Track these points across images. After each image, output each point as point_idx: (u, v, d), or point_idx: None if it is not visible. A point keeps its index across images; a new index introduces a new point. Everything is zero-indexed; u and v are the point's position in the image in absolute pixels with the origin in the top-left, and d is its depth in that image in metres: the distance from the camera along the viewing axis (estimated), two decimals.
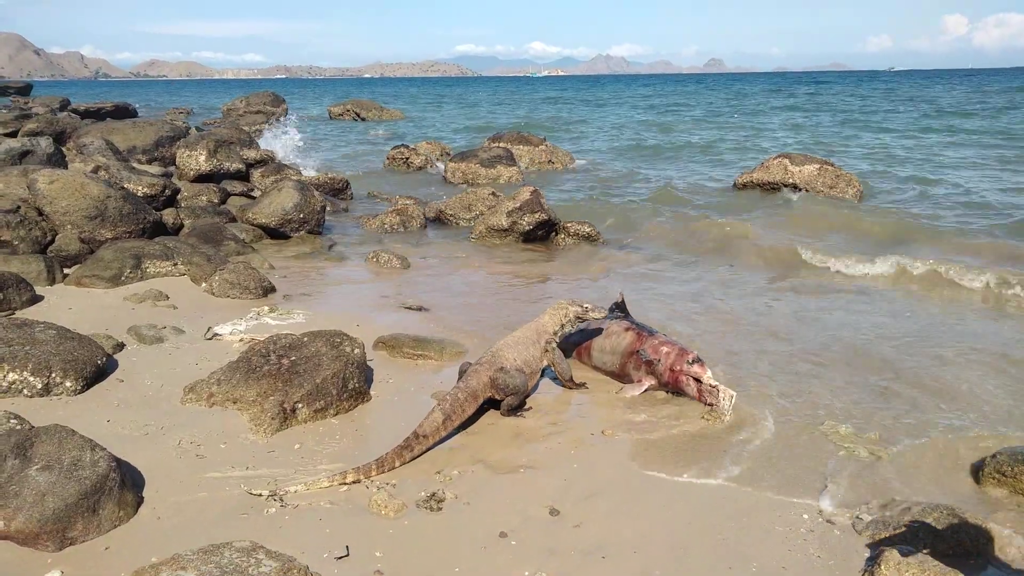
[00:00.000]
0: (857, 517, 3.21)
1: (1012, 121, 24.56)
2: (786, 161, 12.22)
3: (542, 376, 4.60)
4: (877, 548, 2.98)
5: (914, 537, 3.02)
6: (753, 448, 3.83)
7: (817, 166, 11.99)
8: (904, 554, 2.80)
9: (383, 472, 3.44)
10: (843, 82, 79.27)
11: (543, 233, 9.31)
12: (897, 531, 3.06)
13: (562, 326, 4.59)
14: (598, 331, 4.94)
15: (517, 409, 4.17)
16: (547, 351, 4.46)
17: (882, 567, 2.76)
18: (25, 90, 49.43)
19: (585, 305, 4.67)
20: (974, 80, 73.12)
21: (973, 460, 3.70)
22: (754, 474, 3.57)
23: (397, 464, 3.50)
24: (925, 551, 2.90)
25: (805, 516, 3.22)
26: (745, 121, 28.08)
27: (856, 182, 11.97)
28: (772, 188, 12.09)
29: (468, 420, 3.99)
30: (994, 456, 3.57)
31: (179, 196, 9.51)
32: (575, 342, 5.03)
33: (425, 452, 3.66)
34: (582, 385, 4.63)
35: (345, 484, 3.32)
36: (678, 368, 4.39)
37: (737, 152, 18.54)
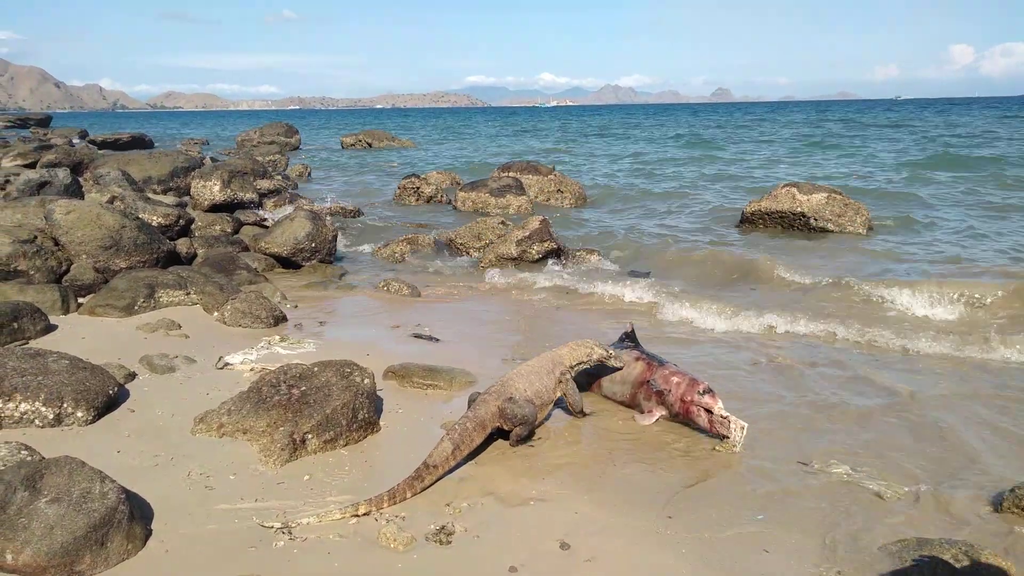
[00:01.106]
0: (876, 551, 3.15)
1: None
2: (794, 190, 12.22)
3: (555, 407, 4.57)
4: None
5: (932, 574, 2.96)
6: (769, 486, 3.78)
7: (825, 195, 11.98)
8: None
9: (395, 503, 3.42)
10: (847, 111, 79.36)
11: (553, 262, 9.33)
12: (914, 568, 3.00)
13: (580, 363, 4.59)
14: None
15: (526, 440, 4.14)
16: (561, 382, 4.45)
17: None
18: (45, 122, 50.47)
19: (611, 352, 4.66)
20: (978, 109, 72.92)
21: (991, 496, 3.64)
22: (771, 511, 3.52)
23: (409, 495, 3.48)
24: None
25: (822, 555, 3.16)
26: (750, 153, 28.16)
27: (864, 211, 11.95)
28: (781, 217, 12.10)
29: (476, 450, 3.97)
30: (1012, 490, 3.50)
31: (193, 226, 9.63)
32: (589, 371, 5.00)
33: (435, 482, 3.64)
34: (589, 414, 4.61)
35: (357, 516, 3.30)
36: (689, 399, 4.36)
37: (740, 181, 18.58)
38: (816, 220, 11.75)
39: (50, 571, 2.74)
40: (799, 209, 11.93)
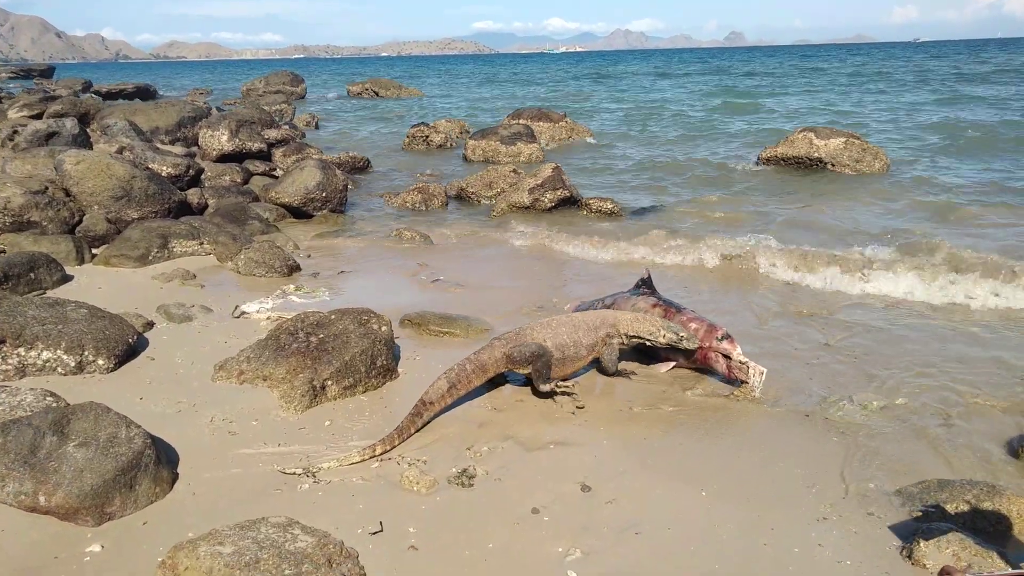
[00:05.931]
0: (895, 494, 3.16)
1: None
2: (811, 135, 11.98)
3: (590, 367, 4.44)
4: (915, 525, 2.94)
5: (953, 514, 2.97)
6: (787, 426, 3.78)
7: (843, 139, 11.75)
8: (943, 532, 2.75)
9: (403, 439, 3.52)
10: (863, 56, 74.89)
11: (565, 209, 9.24)
12: (936, 508, 3.01)
13: (639, 336, 4.34)
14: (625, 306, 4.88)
15: (549, 396, 4.03)
16: (605, 344, 4.29)
17: (921, 544, 2.73)
18: (48, 73, 50.00)
19: (682, 334, 4.30)
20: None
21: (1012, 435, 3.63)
22: (790, 451, 3.53)
23: (412, 431, 3.58)
24: (964, 529, 2.86)
25: (842, 495, 3.18)
26: (761, 98, 27.54)
27: (883, 155, 11.73)
28: (797, 163, 11.88)
29: (488, 394, 4.04)
30: None
31: (203, 176, 9.56)
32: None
33: (433, 419, 3.72)
34: (620, 372, 4.43)
35: (375, 457, 3.35)
36: (707, 345, 4.34)
37: (753, 126, 18.21)
38: (834, 165, 11.55)
39: (82, 512, 2.79)
40: (816, 154, 11.72)
